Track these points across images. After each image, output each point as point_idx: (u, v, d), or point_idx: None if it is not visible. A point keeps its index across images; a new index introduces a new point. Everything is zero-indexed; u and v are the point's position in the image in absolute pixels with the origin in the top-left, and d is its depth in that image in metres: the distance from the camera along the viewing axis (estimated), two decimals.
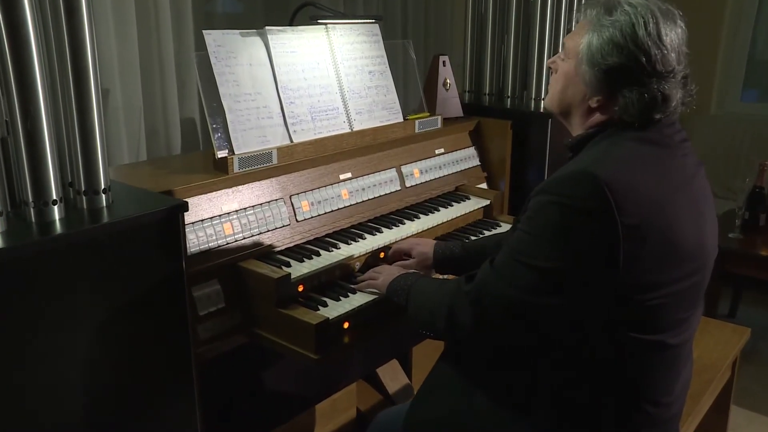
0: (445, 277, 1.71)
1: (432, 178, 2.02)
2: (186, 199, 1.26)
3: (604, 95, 1.08)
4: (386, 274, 1.41)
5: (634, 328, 1.03)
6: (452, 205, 1.96)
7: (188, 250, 1.34)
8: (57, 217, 1.08)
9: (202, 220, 1.43)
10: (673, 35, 1.05)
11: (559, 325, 1.04)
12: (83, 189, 1.13)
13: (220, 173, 1.50)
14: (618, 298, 1.01)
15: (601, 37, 1.07)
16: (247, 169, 1.53)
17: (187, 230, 1.36)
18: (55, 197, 1.07)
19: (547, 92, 1.23)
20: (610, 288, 1.00)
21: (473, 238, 1.85)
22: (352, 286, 1.51)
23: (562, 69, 1.15)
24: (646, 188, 1.00)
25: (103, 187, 1.14)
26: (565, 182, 1.01)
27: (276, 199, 1.59)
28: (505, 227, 1.94)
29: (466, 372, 1.22)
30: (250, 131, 1.58)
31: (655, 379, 1.08)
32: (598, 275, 0.99)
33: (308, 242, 1.62)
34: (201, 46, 1.56)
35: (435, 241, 1.58)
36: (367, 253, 1.63)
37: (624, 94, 1.05)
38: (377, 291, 1.44)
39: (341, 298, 1.46)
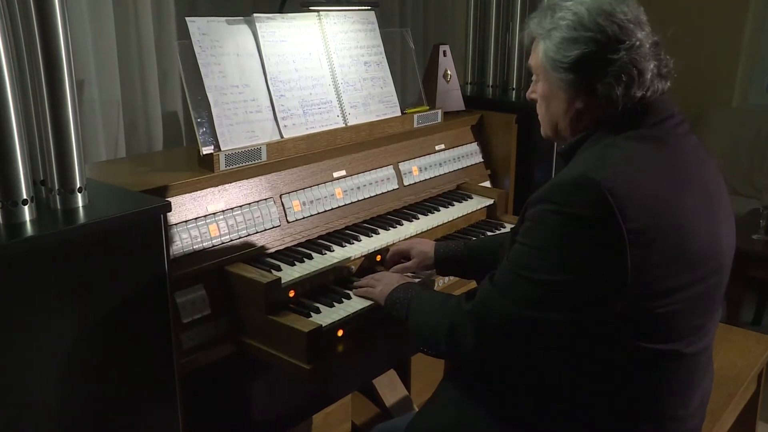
0: (447, 279, 1.71)
1: (432, 176, 2.02)
2: (169, 199, 1.25)
3: (584, 93, 1.10)
4: (385, 283, 1.41)
5: (645, 337, 1.03)
6: (453, 205, 1.96)
7: (171, 253, 1.33)
8: (27, 218, 1.07)
9: (186, 221, 1.43)
10: (623, 7, 1.07)
11: (566, 340, 1.04)
12: (56, 187, 1.12)
13: (205, 171, 1.49)
14: (628, 307, 1.00)
15: (552, 40, 1.10)
16: (234, 166, 1.52)
17: (170, 232, 1.36)
18: (25, 196, 1.06)
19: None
20: (619, 298, 0.99)
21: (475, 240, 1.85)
22: (348, 292, 1.50)
23: (539, 92, 1.18)
24: (649, 189, 1.00)
25: (78, 185, 1.13)
26: (564, 189, 1.01)
27: (265, 199, 1.59)
28: (509, 228, 1.94)
29: (470, 385, 1.21)
30: (238, 126, 1.57)
31: (669, 391, 1.08)
32: (606, 285, 0.99)
33: (300, 244, 1.61)
34: (184, 33, 1.55)
35: (435, 241, 1.57)
36: (362, 256, 1.62)
37: (602, 81, 1.06)
38: (375, 301, 1.44)
39: (335, 304, 1.46)
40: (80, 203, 1.14)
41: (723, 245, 1.09)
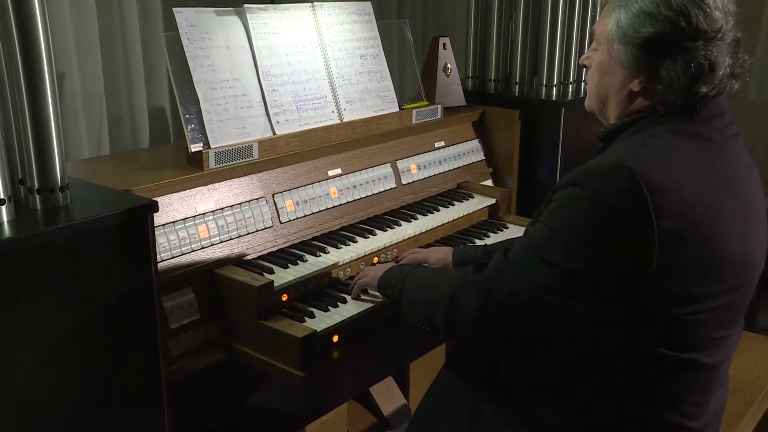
0: None
1: (431, 174, 2.02)
2: (155, 198, 1.24)
3: (645, 74, 1.06)
4: (378, 267, 1.41)
5: (665, 343, 1.02)
6: (453, 205, 1.95)
7: (158, 256, 1.32)
8: (5, 218, 1.06)
9: (174, 222, 1.42)
10: None
11: (575, 330, 1.04)
12: (36, 187, 1.11)
13: (194, 169, 1.49)
14: (648, 310, 1.00)
15: (629, 10, 1.05)
16: (224, 164, 1.52)
17: (156, 233, 1.35)
18: (2, 196, 1.05)
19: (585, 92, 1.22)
20: (639, 298, 0.99)
21: (478, 241, 1.85)
22: (344, 296, 1.50)
23: (596, 60, 1.15)
24: (689, 188, 0.99)
25: (59, 184, 1.13)
26: (597, 175, 0.99)
27: (257, 198, 1.58)
28: (512, 229, 1.94)
29: (470, 387, 1.21)
30: (228, 122, 1.57)
31: (684, 401, 1.08)
32: (626, 283, 0.98)
33: (293, 246, 1.61)
34: (171, 25, 1.54)
35: (451, 248, 1.56)
36: (358, 258, 1.62)
37: (667, 67, 1.03)
38: (368, 288, 1.44)
39: (330, 308, 1.45)
40: (61, 203, 1.13)
41: (756, 258, 1.08)
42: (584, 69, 1.22)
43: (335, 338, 1.41)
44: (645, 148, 1.03)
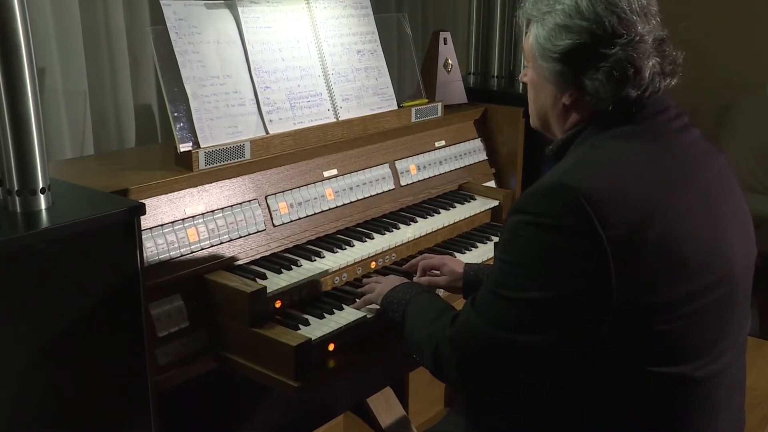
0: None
1: (431, 175, 2.02)
2: (142, 201, 1.24)
3: (571, 87, 1.09)
4: (384, 284, 1.41)
5: (649, 359, 1.01)
6: (455, 207, 1.96)
7: (145, 261, 1.32)
8: None
9: (162, 225, 1.42)
10: None
11: (555, 365, 1.03)
12: (16, 188, 1.11)
13: (182, 170, 1.49)
14: (620, 324, 0.99)
15: (545, 25, 1.08)
16: (214, 165, 1.52)
17: (143, 237, 1.34)
18: None
19: None
20: (607, 315, 0.98)
21: (480, 245, 1.85)
22: (340, 303, 1.50)
23: (529, 77, 1.18)
24: (635, 192, 0.99)
25: (40, 186, 1.13)
26: (537, 198, 1.01)
27: (249, 201, 1.58)
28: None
29: (477, 420, 1.21)
30: (219, 121, 1.57)
31: (686, 422, 1.06)
32: (590, 301, 0.98)
33: (287, 250, 1.61)
34: (158, 18, 1.54)
35: (464, 263, 1.56)
36: (355, 263, 1.62)
37: (591, 77, 1.05)
38: (373, 304, 1.44)
39: (326, 315, 1.45)
40: (43, 206, 1.13)
41: (731, 252, 1.06)
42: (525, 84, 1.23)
43: (331, 347, 1.41)
44: (584, 160, 1.04)
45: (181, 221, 1.45)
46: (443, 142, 2.09)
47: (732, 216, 1.09)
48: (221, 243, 1.50)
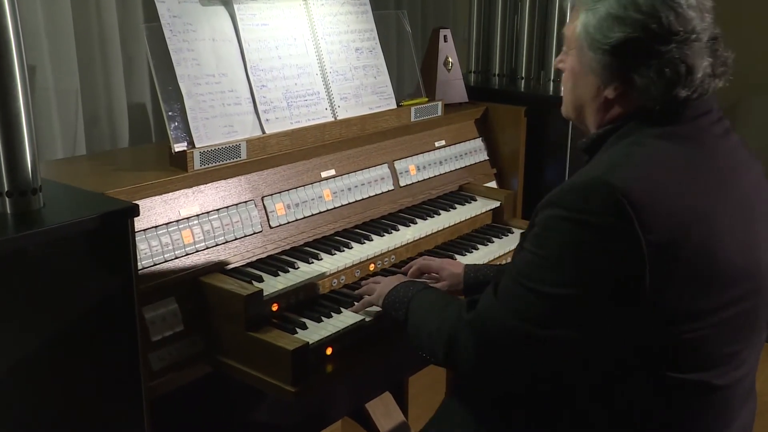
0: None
1: (431, 175, 2.02)
2: (136, 202, 1.24)
3: (618, 81, 1.07)
4: (384, 284, 1.41)
5: (670, 366, 1.02)
6: (455, 208, 1.96)
7: (139, 263, 1.32)
8: None
9: (156, 227, 1.42)
10: None
11: (576, 363, 1.04)
12: (6, 189, 1.11)
13: (177, 170, 1.49)
14: (647, 331, 1.00)
15: (596, 14, 1.06)
16: (210, 165, 1.52)
17: (137, 239, 1.35)
18: None
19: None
20: (636, 319, 0.99)
21: (481, 247, 1.85)
22: (338, 306, 1.50)
23: (568, 66, 1.16)
24: (676, 196, 0.99)
25: (31, 186, 1.13)
26: (576, 193, 1.00)
27: (245, 202, 1.58)
28: (518, 234, 1.94)
29: (477, 408, 1.21)
30: (214, 120, 1.57)
31: (700, 428, 1.07)
32: (620, 304, 0.98)
33: (284, 252, 1.61)
34: (152, 15, 1.54)
35: (464, 264, 1.57)
36: (354, 266, 1.62)
37: (641, 73, 1.03)
38: (374, 306, 1.43)
39: (323, 318, 1.45)
40: (34, 207, 1.13)
41: (764, 263, 1.06)
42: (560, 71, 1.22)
43: (329, 351, 1.41)
44: (626, 158, 1.03)
45: (176, 223, 1.45)
46: (443, 142, 2.09)
47: (765, 226, 1.09)
48: (217, 245, 1.50)
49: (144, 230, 1.39)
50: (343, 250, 1.64)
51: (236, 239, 1.54)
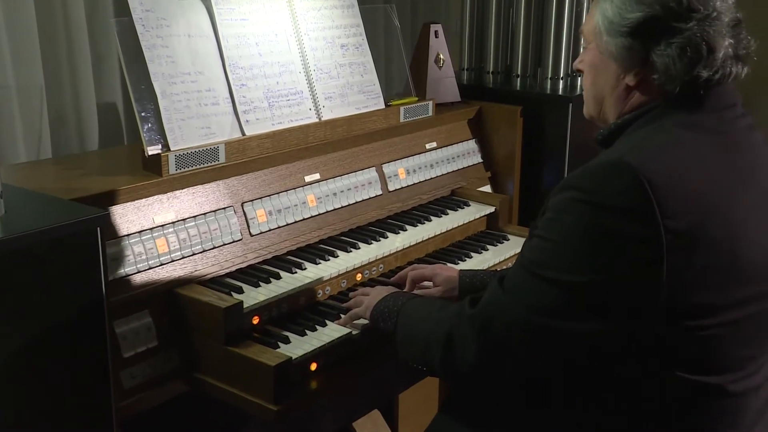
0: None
1: (421, 179, 2.03)
2: (106, 208, 1.24)
3: (639, 64, 1.09)
4: (372, 296, 1.41)
5: (682, 365, 1.03)
6: (447, 214, 1.97)
7: (110, 274, 1.32)
8: None
9: (129, 235, 1.42)
10: None
11: (584, 358, 1.04)
12: None
13: (151, 175, 1.49)
14: (660, 323, 1.01)
15: (614, 0, 1.10)
16: (186, 169, 1.52)
17: (108, 248, 1.35)
18: None
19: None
20: (653, 309, 1.00)
21: (475, 255, 1.87)
22: (323, 319, 1.50)
23: (587, 61, 1.19)
24: (698, 185, 1.01)
25: None
26: (594, 175, 1.01)
27: (224, 208, 1.58)
28: (514, 240, 1.96)
29: (471, 419, 1.21)
30: (190, 121, 1.57)
31: None
32: (636, 292, 0.99)
33: (265, 262, 1.61)
34: (123, 9, 1.54)
35: (459, 269, 1.57)
36: (340, 275, 1.63)
37: (661, 52, 1.06)
38: (360, 319, 1.44)
39: (308, 332, 1.45)
40: None
41: None
42: (579, 75, 1.25)
43: (313, 366, 1.41)
44: (648, 142, 1.05)
45: (150, 231, 1.45)
46: (434, 144, 2.10)
47: None
48: (193, 254, 1.50)
49: (115, 239, 1.39)
50: (329, 259, 1.65)
51: (214, 248, 1.54)
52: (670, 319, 1.01)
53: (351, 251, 1.70)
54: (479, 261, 1.84)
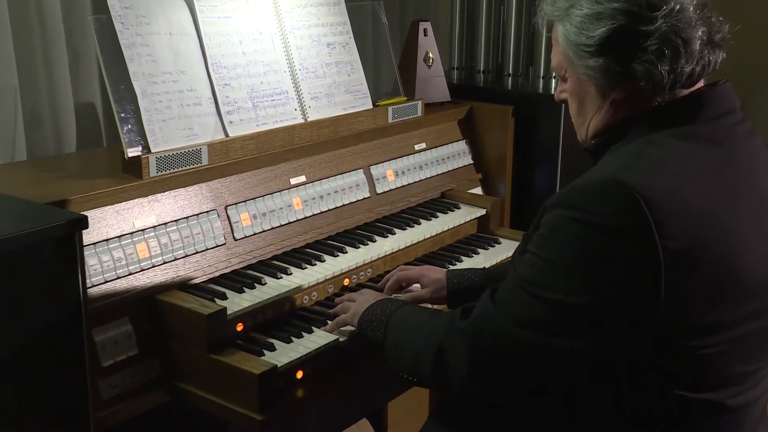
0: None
1: (410, 181, 2.04)
2: (84, 212, 1.24)
3: (621, 78, 1.09)
4: (359, 302, 1.42)
5: (681, 383, 1.04)
6: (437, 217, 1.97)
7: (88, 280, 1.31)
8: None
9: (108, 240, 1.41)
10: None
11: (579, 377, 1.05)
12: None
13: (131, 177, 1.49)
14: (658, 343, 1.01)
15: (571, 20, 1.10)
16: (167, 171, 1.52)
17: (86, 253, 1.34)
18: None
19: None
20: (648, 331, 1.00)
21: (465, 258, 1.87)
22: (311, 325, 1.51)
23: (569, 90, 1.19)
24: (696, 201, 1.01)
25: None
26: (588, 193, 1.02)
27: (207, 211, 1.58)
28: (505, 244, 1.97)
29: (462, 427, 1.22)
30: (172, 122, 1.57)
31: None
32: (632, 314, 1.00)
33: (250, 267, 1.61)
34: (101, 6, 1.54)
35: (446, 270, 1.58)
36: (326, 281, 1.63)
37: (639, 60, 1.05)
38: (347, 326, 1.44)
39: (293, 338, 1.46)
40: None
41: None
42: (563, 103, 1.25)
43: (299, 374, 1.41)
44: (641, 158, 1.04)
45: (130, 235, 1.44)
46: (424, 145, 2.11)
47: None
48: (175, 259, 1.50)
49: (94, 244, 1.39)
50: (315, 264, 1.65)
51: (197, 253, 1.54)
52: (668, 339, 1.01)
53: (338, 255, 1.70)
54: (470, 265, 1.85)
